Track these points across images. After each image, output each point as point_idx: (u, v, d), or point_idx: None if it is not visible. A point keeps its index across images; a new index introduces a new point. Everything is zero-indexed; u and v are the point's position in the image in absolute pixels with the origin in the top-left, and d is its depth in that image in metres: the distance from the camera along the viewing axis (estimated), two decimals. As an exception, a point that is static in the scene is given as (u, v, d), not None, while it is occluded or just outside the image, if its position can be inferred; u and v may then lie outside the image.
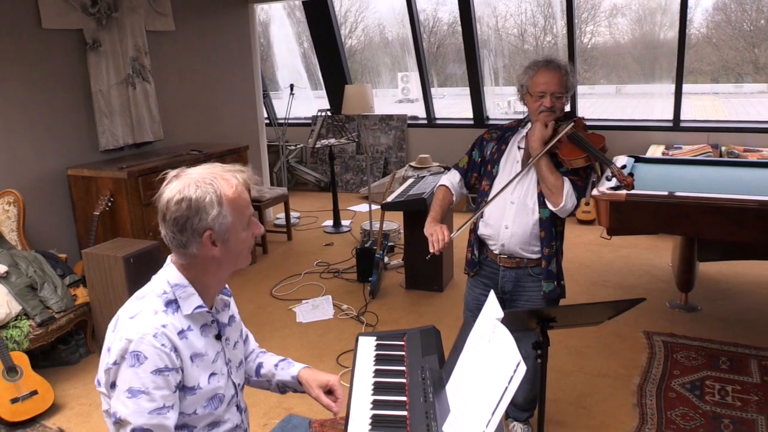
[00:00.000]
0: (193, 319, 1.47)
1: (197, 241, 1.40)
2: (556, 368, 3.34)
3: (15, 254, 3.50)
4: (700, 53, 7.92)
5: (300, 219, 6.62)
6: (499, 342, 1.38)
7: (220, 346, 1.54)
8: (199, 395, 1.45)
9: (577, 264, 4.89)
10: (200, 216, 1.39)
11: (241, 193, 1.44)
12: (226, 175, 1.44)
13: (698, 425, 2.80)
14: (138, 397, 1.34)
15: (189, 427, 1.46)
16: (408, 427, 1.53)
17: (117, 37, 4.47)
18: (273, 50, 8.88)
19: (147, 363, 1.34)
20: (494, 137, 2.55)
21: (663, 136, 6.19)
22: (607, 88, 9.17)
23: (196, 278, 1.47)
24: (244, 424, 1.62)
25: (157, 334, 1.36)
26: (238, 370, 1.63)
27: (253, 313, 4.23)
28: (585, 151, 2.31)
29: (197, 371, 1.45)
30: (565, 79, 2.36)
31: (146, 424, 1.34)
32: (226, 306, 1.62)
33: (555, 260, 2.45)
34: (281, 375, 1.75)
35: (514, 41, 8.31)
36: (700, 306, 4.02)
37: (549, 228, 2.42)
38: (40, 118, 4.04)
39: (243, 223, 1.46)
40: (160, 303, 1.43)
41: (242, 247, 1.48)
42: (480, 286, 2.59)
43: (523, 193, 2.42)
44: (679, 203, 3.46)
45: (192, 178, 1.42)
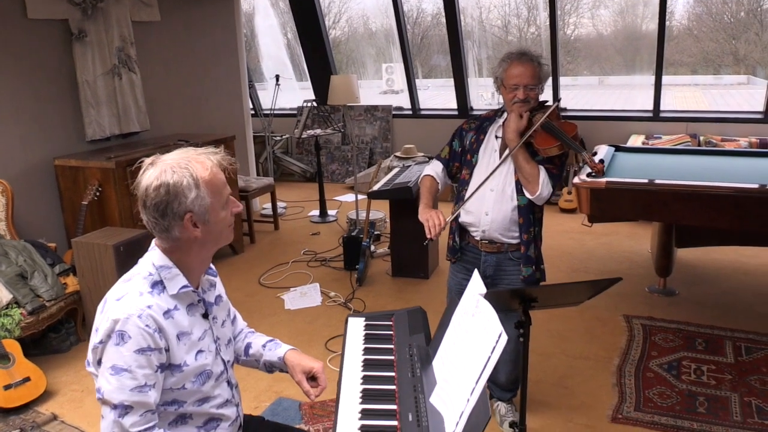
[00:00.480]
0: (179, 298, 1.52)
1: (179, 225, 1.46)
2: (539, 351, 3.44)
3: (4, 244, 3.51)
4: (681, 45, 8.04)
5: (286, 209, 6.67)
6: (481, 315, 1.45)
7: (208, 325, 1.60)
8: (186, 372, 1.50)
9: (559, 251, 4.99)
10: (179, 200, 1.43)
11: (216, 174, 1.49)
12: (200, 158, 1.49)
13: (674, 403, 2.91)
14: (121, 375, 1.39)
15: (179, 402, 1.52)
16: (397, 400, 1.61)
17: (102, 28, 4.47)
18: (258, 41, 8.87)
19: (131, 342, 1.40)
20: (473, 127, 2.63)
21: (643, 126, 6.31)
22: (589, 80, 9.29)
23: (180, 260, 1.52)
24: (236, 399, 1.68)
25: (142, 315, 1.41)
26: (228, 348, 1.69)
27: (242, 301, 4.28)
28: (558, 139, 2.39)
29: (183, 349, 1.50)
30: (538, 71, 2.43)
31: (127, 400, 1.39)
32: (212, 286, 1.67)
33: (534, 246, 2.54)
34: (268, 355, 1.81)
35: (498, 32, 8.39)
36: (678, 290, 4.14)
37: (527, 215, 2.50)
38: (27, 108, 4.05)
39: (221, 203, 1.51)
40: (146, 284, 1.48)
41: (222, 226, 1.53)
42: (462, 271, 2.67)
43: (502, 181, 2.51)
44: (657, 190, 3.57)
45: (167, 163, 1.46)
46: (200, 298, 1.59)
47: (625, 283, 4.31)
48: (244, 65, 6.17)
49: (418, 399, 1.58)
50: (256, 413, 2.93)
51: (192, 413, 1.55)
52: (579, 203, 3.88)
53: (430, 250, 4.52)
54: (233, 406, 1.66)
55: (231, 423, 1.64)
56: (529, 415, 2.85)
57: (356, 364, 1.81)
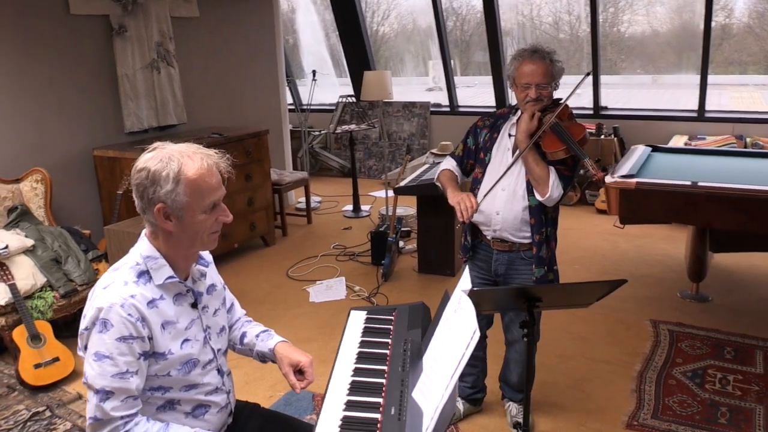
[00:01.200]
0: (165, 288, 1.55)
1: (151, 211, 1.49)
2: (558, 352, 3.38)
3: (42, 229, 3.68)
4: (741, 43, 7.72)
5: (321, 203, 6.74)
6: (462, 312, 1.44)
7: (197, 314, 1.63)
8: (171, 360, 1.54)
9: (591, 252, 4.89)
10: (155, 188, 1.46)
11: (204, 177, 1.48)
12: (195, 156, 1.49)
13: (695, 412, 2.82)
14: (103, 361, 1.44)
15: (164, 388, 1.55)
16: (384, 394, 1.62)
17: (142, 23, 4.62)
18: (299, 37, 8.97)
19: (113, 330, 1.44)
20: (487, 124, 2.60)
21: (688, 127, 6.11)
22: (642, 78, 9.02)
23: (165, 250, 1.55)
24: (226, 386, 1.71)
25: (125, 305, 1.45)
26: (219, 336, 1.71)
27: (268, 293, 4.36)
28: (564, 143, 2.33)
29: (168, 338, 1.53)
30: (550, 69, 2.37)
31: (108, 386, 1.44)
32: (203, 276, 1.69)
33: (546, 246, 2.49)
34: (260, 346, 1.83)
35: (549, 30, 8.25)
36: (712, 296, 4.00)
37: (539, 215, 2.46)
38: (69, 100, 4.22)
39: (201, 206, 1.50)
40: (132, 274, 1.52)
41: (199, 228, 1.52)
42: (475, 269, 2.65)
43: (513, 181, 2.47)
44: (688, 192, 3.46)
45: (164, 152, 1.49)
46: (189, 288, 1.62)
47: (655, 287, 4.20)
48: (282, 60, 6.26)
49: (403, 392, 1.58)
50: (271, 401, 3.00)
51: (179, 399, 1.59)
52: (608, 204, 3.81)
53: (456, 248, 4.49)
54: (223, 393, 1.69)
55: (220, 410, 1.67)
56: (541, 416, 2.82)
57: (350, 356, 1.82)
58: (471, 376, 2.83)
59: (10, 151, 3.92)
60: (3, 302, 3.26)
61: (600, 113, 6.55)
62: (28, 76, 3.99)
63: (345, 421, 1.52)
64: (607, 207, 3.85)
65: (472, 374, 2.83)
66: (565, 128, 2.39)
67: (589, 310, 3.81)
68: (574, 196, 6.18)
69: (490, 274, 2.61)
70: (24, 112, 3.99)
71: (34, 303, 3.33)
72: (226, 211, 1.59)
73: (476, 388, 2.84)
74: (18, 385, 3.17)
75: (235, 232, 4.93)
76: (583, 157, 2.33)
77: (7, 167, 3.86)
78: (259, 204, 5.14)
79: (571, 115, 2.49)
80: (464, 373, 2.84)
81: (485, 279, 2.64)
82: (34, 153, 4.03)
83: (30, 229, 3.64)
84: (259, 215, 5.17)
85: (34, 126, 4.04)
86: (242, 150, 4.89)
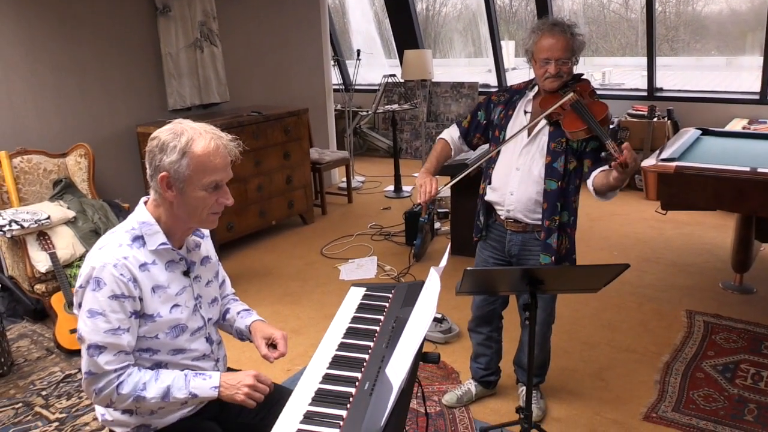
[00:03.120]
0: (158, 254, 1.61)
1: (156, 178, 1.55)
2: (583, 339, 3.30)
3: (84, 202, 3.85)
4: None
5: (364, 183, 6.77)
6: (428, 288, 1.43)
7: (188, 282, 1.68)
8: (159, 323, 1.59)
9: (633, 239, 4.72)
10: (161, 156, 1.53)
11: (210, 155, 1.54)
12: (206, 135, 1.56)
13: (719, 407, 2.69)
14: (95, 318, 1.51)
15: (153, 350, 1.61)
16: (363, 368, 1.62)
17: (186, 3, 4.72)
18: (348, 17, 8.95)
19: (105, 288, 1.50)
20: (502, 100, 2.51)
21: (748, 110, 5.76)
22: (716, 60, 8.57)
23: (161, 217, 1.62)
24: (215, 354, 1.76)
25: (117, 264, 1.52)
26: (211, 306, 1.76)
27: (300, 269, 4.43)
28: (585, 122, 2.22)
29: (158, 301, 1.59)
30: (571, 42, 2.27)
31: (101, 341, 1.51)
32: (197, 246, 1.75)
33: (557, 235, 2.39)
34: (239, 323, 1.88)
35: (618, 9, 7.96)
36: (757, 288, 3.79)
37: (553, 201, 2.37)
38: (113, 79, 4.37)
39: (202, 183, 1.55)
40: (127, 237, 1.58)
41: (197, 204, 1.58)
42: (489, 248, 2.61)
43: (529, 161, 2.39)
44: (731, 178, 3.28)
45: (179, 126, 1.57)
46: (182, 256, 1.67)
47: (697, 276, 4.02)
48: (327, 39, 6.28)
49: (380, 368, 1.58)
50: (288, 375, 3.07)
51: (167, 362, 1.64)
52: (646, 188, 3.65)
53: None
54: (211, 361, 1.74)
55: None
56: (556, 403, 2.77)
57: (339, 331, 1.83)
58: (485, 357, 2.79)
59: (57, 126, 4.11)
60: (44, 270, 3.44)
61: (654, 95, 6.26)
62: (74, 55, 4.15)
63: (318, 393, 1.53)
64: (645, 192, 3.70)
65: (486, 355, 2.79)
66: (587, 106, 2.29)
67: (623, 298, 3.72)
68: (622, 181, 5.95)
69: (504, 255, 2.56)
70: (70, 90, 4.16)
71: (73, 271, 3.50)
72: (228, 195, 1.63)
73: (490, 369, 2.81)
74: (55, 348, 3.35)
75: (272, 210, 5.02)
76: (605, 138, 2.19)
77: (54, 142, 4.05)
78: (297, 182, 5.21)
79: (593, 92, 2.38)
80: (478, 354, 2.81)
81: (499, 259, 2.59)
82: (80, 129, 4.21)
83: (73, 201, 3.81)
84: (297, 193, 5.24)
85: (80, 103, 4.22)
86: (281, 128, 4.96)
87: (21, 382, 3.08)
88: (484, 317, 2.73)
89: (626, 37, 7.79)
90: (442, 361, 3.09)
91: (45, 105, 4.05)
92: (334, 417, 1.44)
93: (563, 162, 2.35)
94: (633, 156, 2.04)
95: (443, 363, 3.11)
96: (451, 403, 2.78)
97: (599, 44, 7.96)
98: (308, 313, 3.75)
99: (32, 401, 2.92)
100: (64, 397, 2.94)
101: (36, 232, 3.48)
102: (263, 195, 4.91)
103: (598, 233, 4.89)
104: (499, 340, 2.81)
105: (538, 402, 2.70)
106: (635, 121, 5.98)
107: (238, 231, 4.75)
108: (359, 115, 7.98)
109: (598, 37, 7.95)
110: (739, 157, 3.62)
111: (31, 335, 3.56)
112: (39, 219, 3.45)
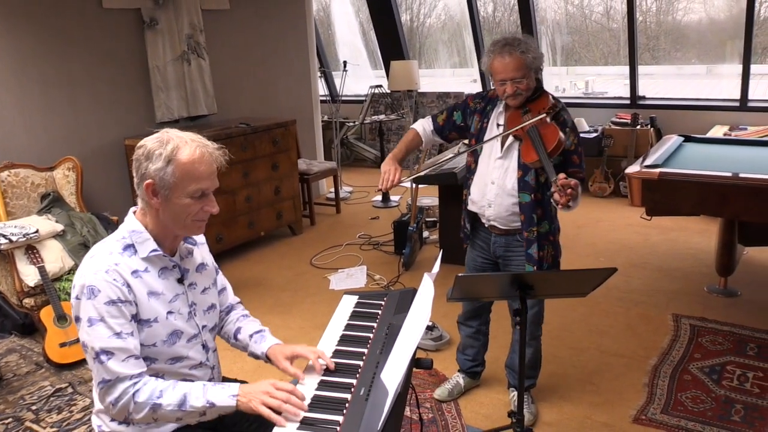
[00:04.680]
0: (151, 261, 1.62)
1: (142, 186, 1.57)
2: (572, 344, 3.33)
3: (72, 215, 3.84)
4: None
5: (352, 193, 6.79)
6: (421, 293, 1.45)
7: (182, 290, 1.69)
8: (156, 328, 1.60)
9: (619, 245, 4.79)
10: (147, 164, 1.55)
11: (195, 163, 1.55)
12: (192, 143, 1.57)
13: (707, 408, 2.74)
14: (96, 325, 1.51)
15: (151, 359, 1.62)
16: (358, 375, 1.64)
17: (173, 16, 4.74)
18: (334, 28, 9.02)
19: (101, 295, 1.51)
20: (478, 108, 2.56)
21: (729, 117, 5.88)
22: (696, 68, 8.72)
23: (152, 226, 1.63)
24: (210, 362, 1.77)
25: (109, 270, 1.53)
26: (207, 314, 1.77)
27: (290, 280, 4.44)
28: (537, 154, 2.25)
29: (153, 305, 1.60)
30: (524, 60, 2.30)
31: (107, 347, 1.50)
32: (190, 253, 1.76)
33: (537, 245, 2.45)
34: (253, 347, 1.84)
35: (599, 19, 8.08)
36: (741, 291, 3.86)
37: (529, 213, 2.43)
38: (101, 91, 4.38)
39: (187, 191, 1.56)
40: (119, 246, 1.60)
41: (182, 212, 1.59)
42: (477, 248, 2.70)
43: (503, 174, 2.46)
44: (714, 183, 3.34)
45: (166, 135, 1.59)
46: (175, 264, 1.68)
47: (683, 281, 4.08)
48: (314, 51, 6.32)
49: (375, 374, 1.60)
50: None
51: (164, 372, 1.64)
52: (630, 194, 3.71)
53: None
54: (207, 369, 1.75)
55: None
56: (546, 408, 2.80)
57: (333, 338, 1.85)
58: (473, 349, 2.89)
59: (44, 140, 4.10)
60: (32, 284, 3.43)
61: (637, 103, 6.36)
62: (61, 69, 4.15)
63: (315, 400, 1.55)
64: (629, 198, 3.76)
65: (473, 347, 2.89)
66: (542, 136, 2.28)
67: (611, 303, 3.76)
68: (607, 188, 6.05)
69: (491, 255, 2.63)
70: (58, 103, 4.16)
71: (62, 285, 3.49)
72: (214, 203, 1.64)
73: (477, 361, 2.90)
74: (45, 363, 3.33)
75: (261, 221, 5.03)
76: (551, 176, 2.19)
77: (42, 155, 4.04)
78: (286, 193, 5.22)
79: (554, 107, 2.37)
80: (466, 346, 2.91)
81: (486, 260, 2.67)
82: (68, 142, 4.20)
83: (61, 214, 3.80)
84: (286, 204, 5.25)
85: (68, 116, 4.22)
86: (269, 140, 4.98)
87: (10, 397, 3.05)
88: (475, 311, 2.81)
89: (608, 47, 7.91)
90: (434, 368, 3.11)
91: (32, 118, 4.04)
92: (331, 423, 1.45)
93: (534, 175, 2.42)
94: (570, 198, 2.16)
95: (435, 370, 3.13)
96: (443, 397, 2.86)
97: (582, 53, 8.08)
98: (299, 323, 3.76)
99: (22, 416, 2.89)
100: (54, 411, 2.92)
101: (24, 246, 3.46)
102: (252, 206, 4.92)
103: (584, 240, 4.95)
104: (487, 332, 2.90)
105: (530, 407, 2.73)
106: (619, 129, 6.08)
107: (227, 242, 4.75)
108: (346, 125, 8.02)
109: (580, 47, 8.07)
110: (721, 163, 3.69)
111: (19, 350, 3.54)
112: (27, 233, 3.44)
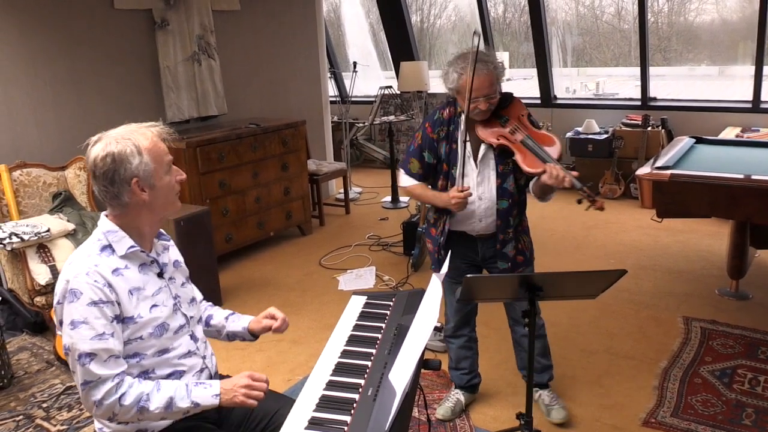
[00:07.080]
0: (129, 258, 1.63)
1: (127, 190, 1.58)
2: (582, 347, 3.32)
3: (83, 214, 3.87)
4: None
5: (361, 194, 6.80)
6: (429, 294, 1.45)
7: (164, 283, 1.71)
8: (141, 324, 1.61)
9: (629, 247, 4.76)
10: (125, 166, 1.56)
11: (156, 143, 1.62)
12: (140, 130, 1.63)
13: (717, 412, 2.71)
14: (78, 327, 1.52)
15: (140, 354, 1.62)
16: (366, 375, 1.64)
17: (184, 17, 4.77)
18: (344, 29, 9.03)
19: (83, 297, 1.52)
20: (442, 136, 2.49)
21: (741, 118, 5.83)
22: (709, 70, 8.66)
23: (129, 224, 1.64)
24: (201, 351, 1.78)
25: (89, 272, 1.54)
26: (192, 306, 1.81)
27: (299, 280, 4.44)
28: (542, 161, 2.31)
29: (136, 302, 1.61)
30: (494, 75, 2.32)
31: (90, 349, 1.51)
32: (166, 249, 1.80)
33: (512, 245, 2.55)
34: (232, 326, 1.94)
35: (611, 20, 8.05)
36: (753, 294, 3.83)
37: (506, 217, 2.50)
38: (112, 92, 4.41)
39: (164, 169, 1.63)
40: (95, 248, 1.61)
41: (167, 190, 1.66)
42: (459, 256, 2.60)
43: (489, 188, 2.48)
44: (725, 185, 3.32)
45: (111, 137, 1.61)
46: (153, 259, 1.70)
47: (693, 283, 4.06)
48: (324, 52, 6.33)
49: (383, 375, 1.60)
50: (289, 385, 3.08)
51: (153, 366, 1.65)
52: (641, 196, 3.70)
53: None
54: (197, 357, 1.76)
55: (196, 374, 1.74)
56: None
57: (342, 339, 1.86)
58: (467, 360, 2.82)
59: (56, 139, 4.13)
60: (44, 282, 3.45)
61: (648, 104, 6.33)
62: (73, 69, 4.19)
63: (322, 399, 1.55)
64: (640, 200, 3.73)
65: (468, 357, 2.82)
66: (538, 143, 2.34)
67: (621, 306, 3.74)
68: (617, 189, 6.01)
69: (476, 259, 2.62)
70: (69, 103, 4.20)
71: (73, 283, 3.51)
72: (179, 170, 1.72)
73: (473, 373, 2.84)
74: (55, 361, 3.36)
75: (271, 221, 5.05)
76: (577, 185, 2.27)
77: (53, 155, 4.08)
78: (295, 193, 5.24)
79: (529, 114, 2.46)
80: (459, 358, 2.83)
81: (470, 263, 2.64)
82: (79, 142, 4.13)
83: (72, 213, 3.83)
84: (295, 205, 5.26)
85: (79, 116, 4.25)
86: (279, 140, 5.00)
87: (21, 395, 3.08)
88: (464, 319, 2.76)
89: (619, 48, 7.88)
90: (442, 369, 3.10)
91: (44, 119, 4.08)
92: (339, 423, 1.46)
93: (512, 181, 2.47)
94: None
95: (443, 371, 3.12)
96: (446, 416, 2.76)
97: (593, 54, 8.05)
98: (307, 323, 3.76)
99: (33, 414, 2.92)
100: (65, 409, 2.94)
101: (36, 245, 3.50)
102: (261, 206, 4.94)
103: (594, 241, 4.92)
104: (477, 338, 2.86)
105: (558, 401, 2.72)
106: (629, 130, 6.04)
107: (236, 242, 4.77)
108: (356, 126, 8.03)
109: (591, 48, 8.04)
110: (732, 165, 3.67)
111: (30, 348, 3.56)
112: (39, 232, 3.47)
